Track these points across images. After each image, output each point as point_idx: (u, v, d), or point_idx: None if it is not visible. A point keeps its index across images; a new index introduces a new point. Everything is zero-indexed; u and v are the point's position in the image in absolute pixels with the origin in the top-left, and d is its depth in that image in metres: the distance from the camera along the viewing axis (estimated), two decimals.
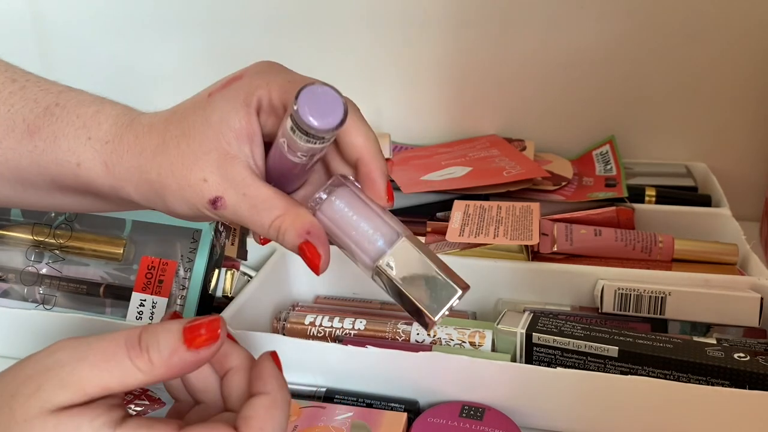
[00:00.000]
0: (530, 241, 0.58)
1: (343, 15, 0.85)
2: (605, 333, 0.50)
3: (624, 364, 0.48)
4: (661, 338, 0.49)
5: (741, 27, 0.76)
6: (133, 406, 0.47)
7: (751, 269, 0.59)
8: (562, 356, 0.50)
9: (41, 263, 0.60)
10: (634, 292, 0.56)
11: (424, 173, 0.76)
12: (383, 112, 0.89)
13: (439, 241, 0.67)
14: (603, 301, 0.56)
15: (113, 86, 0.93)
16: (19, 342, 0.57)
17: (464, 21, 0.82)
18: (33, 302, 0.60)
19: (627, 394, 0.46)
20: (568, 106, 0.84)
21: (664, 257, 0.62)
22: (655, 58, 0.80)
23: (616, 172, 0.77)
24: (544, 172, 0.72)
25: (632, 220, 0.68)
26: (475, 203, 0.66)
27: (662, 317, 0.56)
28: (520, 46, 0.82)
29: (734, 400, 0.45)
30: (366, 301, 0.63)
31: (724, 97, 0.80)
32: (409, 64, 0.86)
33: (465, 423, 0.47)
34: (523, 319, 0.52)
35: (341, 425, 0.47)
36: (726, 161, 0.81)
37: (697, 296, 0.55)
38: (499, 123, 0.87)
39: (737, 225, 0.65)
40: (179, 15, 0.90)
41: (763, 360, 0.47)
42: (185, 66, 0.92)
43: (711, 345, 0.49)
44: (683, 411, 0.46)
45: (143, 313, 0.56)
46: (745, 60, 0.78)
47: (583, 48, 0.81)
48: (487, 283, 0.60)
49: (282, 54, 0.88)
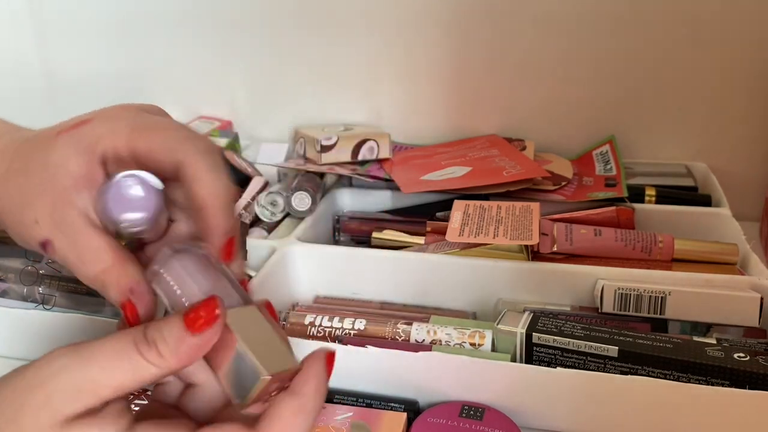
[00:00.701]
0: (530, 241, 0.58)
1: (344, 15, 0.85)
2: (605, 333, 0.50)
3: (624, 364, 0.48)
4: (661, 338, 0.49)
5: (741, 27, 0.76)
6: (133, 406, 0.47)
7: (751, 269, 0.59)
8: (562, 356, 0.50)
9: (41, 263, 0.60)
10: (634, 292, 0.56)
11: (423, 173, 0.76)
12: (383, 111, 0.89)
13: (439, 241, 0.67)
14: (603, 301, 0.56)
15: (113, 86, 0.94)
16: (19, 342, 0.58)
17: (464, 21, 0.82)
18: (32, 302, 0.60)
19: (627, 394, 0.46)
20: (568, 106, 0.84)
21: (664, 257, 0.62)
22: (655, 58, 0.80)
23: (616, 171, 0.76)
24: (544, 171, 0.72)
25: (632, 220, 0.68)
26: (474, 203, 0.66)
27: (662, 317, 0.56)
28: (520, 45, 0.82)
29: (734, 400, 0.45)
30: (366, 301, 0.63)
31: (724, 96, 0.80)
32: (409, 63, 0.86)
33: (465, 423, 0.47)
34: (523, 319, 0.52)
35: (341, 425, 0.47)
36: (726, 161, 0.81)
37: (697, 296, 0.55)
38: (499, 123, 0.87)
39: (737, 225, 0.65)
40: (179, 15, 0.90)
41: (763, 360, 0.46)
42: (185, 66, 0.92)
43: (711, 345, 0.49)
44: (683, 411, 0.46)
45: None
46: (745, 60, 0.78)
47: (583, 48, 0.81)
48: (487, 283, 0.60)
49: (282, 54, 0.89)
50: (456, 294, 0.61)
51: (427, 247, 0.66)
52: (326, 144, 0.78)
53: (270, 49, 0.88)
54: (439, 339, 0.53)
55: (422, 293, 0.63)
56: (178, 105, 0.91)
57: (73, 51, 0.95)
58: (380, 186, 0.78)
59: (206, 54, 0.91)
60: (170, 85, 0.93)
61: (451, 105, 0.87)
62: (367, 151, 0.79)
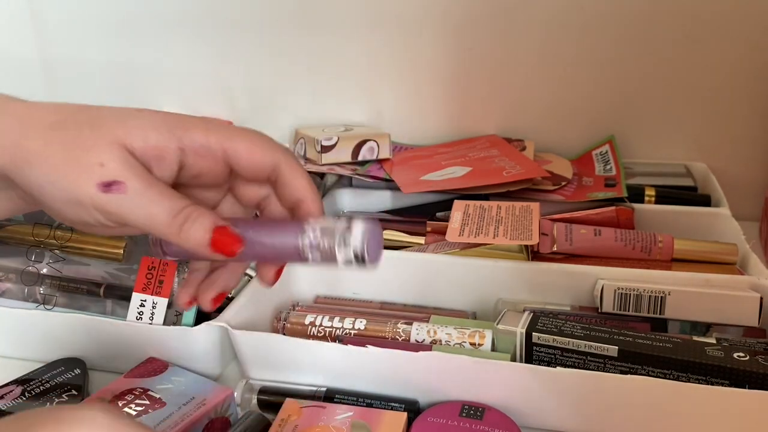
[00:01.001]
0: (530, 241, 0.59)
1: (344, 15, 0.85)
2: (605, 332, 0.50)
3: (624, 364, 0.48)
4: (661, 338, 0.49)
5: (741, 27, 0.76)
6: (133, 406, 0.47)
7: (751, 269, 0.59)
8: (561, 356, 0.50)
9: (42, 263, 0.60)
10: (634, 292, 0.56)
11: (424, 173, 0.76)
12: (384, 112, 0.89)
13: (439, 241, 0.67)
14: (603, 300, 0.56)
15: (114, 85, 0.94)
16: (19, 342, 0.58)
17: (464, 21, 0.82)
18: (33, 302, 0.60)
19: (627, 393, 0.47)
20: (568, 106, 0.84)
21: (663, 257, 0.62)
22: (655, 58, 0.80)
23: (616, 171, 0.77)
24: (543, 171, 0.72)
25: (632, 219, 0.68)
26: (475, 203, 0.66)
27: (662, 317, 0.56)
28: (520, 46, 0.82)
29: (734, 399, 0.45)
30: (366, 301, 0.64)
31: (723, 96, 0.80)
32: (410, 64, 0.86)
33: (465, 422, 0.47)
34: (523, 318, 0.52)
35: (341, 425, 0.47)
36: (726, 161, 0.81)
37: (696, 296, 0.55)
38: (499, 123, 0.87)
39: (737, 225, 0.65)
40: (179, 15, 0.90)
41: (762, 359, 0.47)
42: (185, 66, 0.92)
43: (711, 344, 0.49)
44: (683, 411, 0.46)
45: (143, 314, 0.56)
46: (745, 60, 0.78)
47: (583, 48, 0.81)
48: (487, 283, 0.60)
49: (283, 54, 0.89)
50: (456, 294, 0.61)
51: (427, 247, 0.66)
52: (326, 144, 0.78)
53: (270, 50, 0.88)
54: (439, 339, 0.53)
55: (422, 293, 0.63)
56: (179, 105, 0.91)
57: (73, 50, 0.95)
58: (380, 186, 0.78)
59: (207, 54, 0.91)
60: (170, 84, 0.93)
61: (451, 105, 0.87)
62: (367, 151, 0.79)
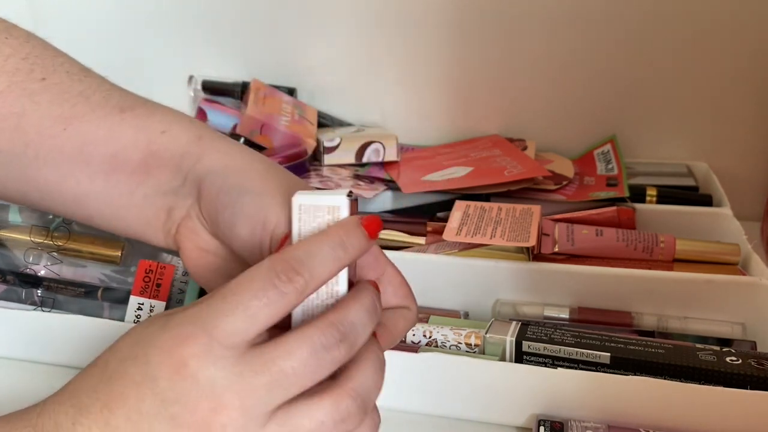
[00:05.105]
0: (526, 242, 0.58)
1: (345, 15, 0.85)
2: (596, 339, 0.49)
3: (616, 371, 0.47)
4: (653, 343, 0.49)
5: (742, 27, 0.76)
6: None
7: (753, 269, 0.59)
8: (553, 364, 0.49)
9: (39, 265, 0.60)
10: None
11: (425, 173, 0.75)
12: (385, 112, 0.89)
13: (439, 242, 0.66)
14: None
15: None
16: (19, 342, 0.58)
17: (466, 21, 0.82)
18: (31, 304, 0.60)
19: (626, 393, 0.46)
20: (570, 106, 0.84)
21: (665, 257, 0.62)
22: (657, 58, 0.79)
23: (618, 171, 0.76)
24: (545, 171, 0.72)
25: (633, 220, 0.68)
26: (476, 204, 0.66)
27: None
28: (521, 46, 0.82)
29: (734, 399, 0.44)
30: None
31: (725, 96, 0.79)
32: (411, 64, 0.86)
33: None
34: (512, 328, 0.51)
35: None
36: (727, 161, 0.80)
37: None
38: (501, 123, 0.86)
39: (738, 225, 0.65)
40: (178, 15, 0.90)
41: (755, 363, 0.46)
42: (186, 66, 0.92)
43: (703, 349, 0.48)
44: (683, 411, 0.46)
45: (141, 317, 0.56)
46: (746, 59, 0.77)
47: (585, 48, 0.80)
48: (487, 283, 0.60)
49: (284, 54, 0.88)
50: (456, 294, 0.61)
51: (427, 248, 0.66)
52: (329, 146, 0.78)
53: (271, 50, 0.88)
54: (434, 340, 0.53)
55: (422, 293, 0.62)
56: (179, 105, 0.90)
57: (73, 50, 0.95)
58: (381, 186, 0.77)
59: (207, 54, 0.91)
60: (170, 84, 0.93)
61: (453, 106, 0.87)
62: (373, 153, 0.79)
